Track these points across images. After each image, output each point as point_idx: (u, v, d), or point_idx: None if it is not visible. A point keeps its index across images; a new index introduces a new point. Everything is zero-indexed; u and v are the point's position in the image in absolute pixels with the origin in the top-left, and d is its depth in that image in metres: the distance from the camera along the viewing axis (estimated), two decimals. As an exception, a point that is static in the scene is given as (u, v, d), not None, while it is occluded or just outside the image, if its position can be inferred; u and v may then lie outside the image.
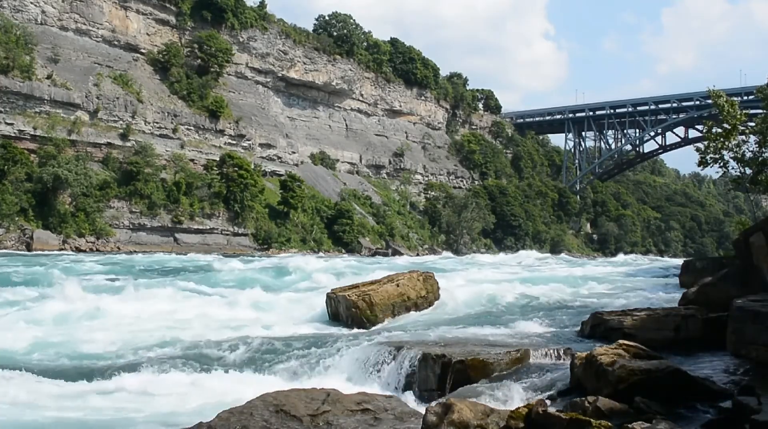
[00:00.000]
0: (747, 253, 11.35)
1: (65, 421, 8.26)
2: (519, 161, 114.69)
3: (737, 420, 6.10)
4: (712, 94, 26.33)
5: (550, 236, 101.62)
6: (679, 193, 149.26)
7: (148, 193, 60.01)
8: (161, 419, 8.29)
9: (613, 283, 26.77)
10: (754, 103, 57.88)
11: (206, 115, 71.75)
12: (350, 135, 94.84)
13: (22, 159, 52.74)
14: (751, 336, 8.12)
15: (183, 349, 12.42)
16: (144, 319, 15.83)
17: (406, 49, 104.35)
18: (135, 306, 17.30)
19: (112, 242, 56.07)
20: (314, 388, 8.04)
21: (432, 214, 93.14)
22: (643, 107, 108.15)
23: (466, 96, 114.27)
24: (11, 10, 60.05)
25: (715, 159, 25.50)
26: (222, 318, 16.33)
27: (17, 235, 50.29)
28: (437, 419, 6.40)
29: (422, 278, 17.84)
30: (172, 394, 9.63)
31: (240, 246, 65.54)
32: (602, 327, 11.46)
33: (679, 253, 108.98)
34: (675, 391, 7.06)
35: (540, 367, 9.45)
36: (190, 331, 14.23)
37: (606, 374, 7.28)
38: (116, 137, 62.35)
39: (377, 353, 10.56)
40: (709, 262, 24.85)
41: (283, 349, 11.92)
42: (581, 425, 5.84)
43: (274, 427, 6.95)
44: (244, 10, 79.98)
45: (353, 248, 73.84)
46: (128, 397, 9.60)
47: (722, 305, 10.36)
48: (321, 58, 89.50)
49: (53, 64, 60.58)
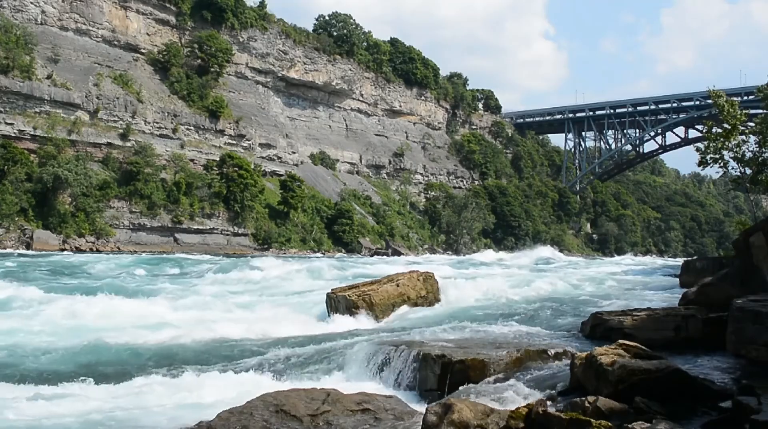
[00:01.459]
0: (747, 253, 11.34)
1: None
2: (519, 161, 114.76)
3: (737, 420, 6.09)
4: (712, 94, 26.34)
5: (550, 236, 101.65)
6: (679, 193, 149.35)
7: (148, 193, 60.04)
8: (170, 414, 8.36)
9: (612, 283, 26.76)
10: (754, 103, 57.92)
11: (206, 115, 71.80)
12: (350, 135, 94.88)
13: (22, 159, 52.80)
14: (751, 336, 8.11)
15: (183, 349, 12.42)
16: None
17: (406, 49, 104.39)
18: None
19: (112, 242, 56.11)
20: (314, 388, 8.04)
21: (432, 214, 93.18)
22: (643, 107, 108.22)
23: (466, 96, 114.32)
24: (11, 10, 60.11)
25: (715, 159, 25.51)
26: (221, 318, 16.31)
27: (17, 235, 50.33)
28: (437, 419, 6.40)
29: (422, 278, 17.84)
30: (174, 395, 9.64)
31: (240, 246, 65.56)
32: (602, 327, 11.45)
33: (679, 253, 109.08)
34: (675, 391, 7.05)
35: (540, 367, 9.44)
36: (190, 332, 14.21)
37: (606, 374, 7.28)
38: (116, 137, 62.39)
39: (377, 353, 10.55)
40: (709, 262, 24.83)
41: (283, 349, 11.91)
42: (581, 425, 5.84)
43: (274, 427, 6.96)
44: (244, 10, 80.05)
45: (353, 248, 73.85)
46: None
47: (722, 305, 10.35)
48: (321, 58, 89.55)
49: (53, 64, 60.62)
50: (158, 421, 8.09)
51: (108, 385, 10.18)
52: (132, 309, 16.88)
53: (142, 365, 11.33)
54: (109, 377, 10.59)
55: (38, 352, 11.90)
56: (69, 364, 11.26)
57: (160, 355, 12.07)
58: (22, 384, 10.05)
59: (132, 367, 11.20)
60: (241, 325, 15.20)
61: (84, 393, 9.68)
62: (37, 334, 13.59)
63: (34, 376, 10.49)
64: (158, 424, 7.97)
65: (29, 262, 34.56)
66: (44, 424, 8.01)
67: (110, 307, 16.89)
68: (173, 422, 7.91)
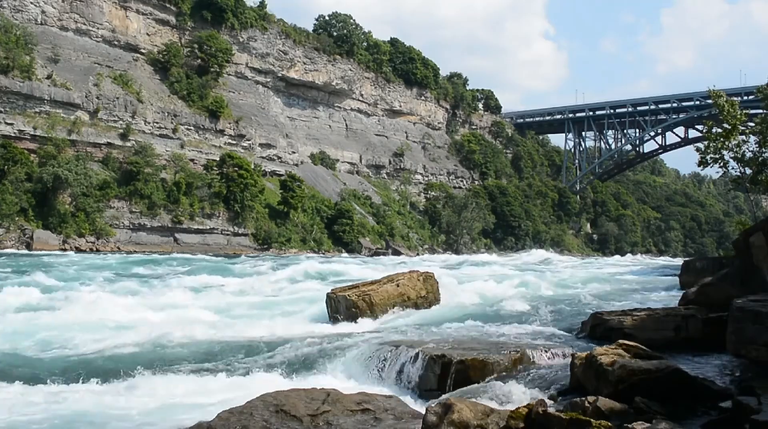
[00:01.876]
0: (747, 253, 11.34)
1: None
2: (519, 161, 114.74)
3: (737, 420, 6.10)
4: (712, 94, 26.34)
5: (550, 236, 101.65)
6: (679, 193, 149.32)
7: (148, 193, 60.02)
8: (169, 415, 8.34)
9: (612, 284, 26.76)
10: (754, 103, 57.96)
11: (206, 115, 71.79)
12: (350, 135, 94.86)
13: (22, 159, 52.78)
14: (751, 336, 8.11)
15: (181, 349, 12.41)
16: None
17: (406, 49, 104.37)
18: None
19: (112, 242, 56.09)
20: (314, 388, 8.04)
21: (432, 214, 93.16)
22: (643, 107, 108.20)
23: (466, 96, 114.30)
24: (11, 10, 60.10)
25: (715, 159, 25.51)
26: (221, 318, 16.31)
27: (17, 235, 50.32)
28: (437, 419, 6.40)
29: (422, 278, 17.83)
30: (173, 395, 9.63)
31: (240, 246, 65.55)
32: (602, 327, 11.46)
33: (679, 253, 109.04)
34: (675, 391, 7.06)
35: (540, 367, 9.46)
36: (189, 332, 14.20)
37: (606, 374, 7.28)
38: (116, 137, 62.37)
39: (377, 353, 10.55)
40: (709, 262, 24.81)
41: (283, 349, 11.91)
42: (581, 425, 5.84)
43: (274, 427, 6.95)
44: (244, 10, 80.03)
45: (353, 248, 73.84)
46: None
47: (722, 305, 10.35)
48: (321, 58, 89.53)
49: (53, 64, 60.60)
50: (158, 421, 8.09)
51: (108, 385, 10.17)
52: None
53: (137, 365, 11.31)
54: (108, 377, 10.58)
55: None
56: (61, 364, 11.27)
57: (155, 355, 12.06)
58: (25, 384, 10.08)
59: (128, 367, 11.19)
60: (241, 326, 15.22)
61: (83, 392, 9.68)
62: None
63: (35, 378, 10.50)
64: (158, 424, 7.97)
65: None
66: (45, 423, 8.02)
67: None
68: (173, 422, 7.91)
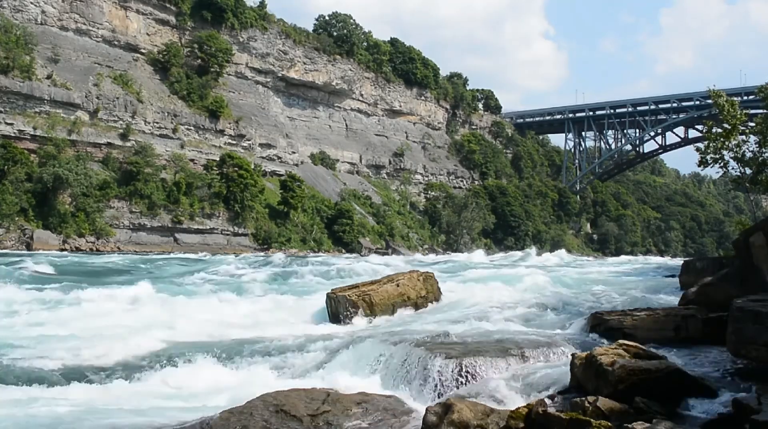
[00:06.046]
0: (747, 253, 11.34)
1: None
2: (519, 161, 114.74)
3: (737, 420, 6.10)
4: (712, 94, 26.34)
5: (550, 236, 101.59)
6: (679, 193, 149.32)
7: (148, 193, 60.01)
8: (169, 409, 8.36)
9: (612, 284, 26.71)
10: (754, 103, 57.95)
11: (206, 115, 71.78)
12: (350, 135, 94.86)
13: (22, 159, 52.76)
14: (751, 336, 8.10)
15: (182, 349, 12.42)
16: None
17: (406, 49, 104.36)
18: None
19: (112, 242, 56.08)
20: (314, 388, 8.05)
21: (432, 214, 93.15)
22: (643, 107, 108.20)
23: (466, 96, 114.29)
24: (11, 10, 60.08)
25: (715, 159, 25.51)
26: (221, 319, 16.31)
27: (17, 235, 50.30)
28: (437, 419, 6.40)
29: (422, 278, 17.83)
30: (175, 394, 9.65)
31: (240, 246, 65.54)
32: (602, 327, 11.46)
33: (679, 253, 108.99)
34: (675, 391, 7.06)
35: (540, 367, 9.45)
36: (189, 332, 14.22)
37: (606, 374, 7.28)
38: (116, 137, 62.36)
39: (377, 353, 10.56)
40: (709, 262, 24.74)
41: (283, 349, 11.92)
42: (581, 425, 5.84)
43: (274, 427, 6.96)
44: (244, 10, 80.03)
45: (353, 248, 73.84)
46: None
47: (722, 305, 10.35)
48: (321, 58, 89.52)
49: (53, 64, 60.59)
50: (159, 419, 8.10)
51: (107, 384, 10.18)
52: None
53: (138, 364, 11.32)
54: (107, 376, 10.59)
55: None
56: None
57: (157, 354, 12.07)
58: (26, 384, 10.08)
59: (128, 366, 11.20)
60: (241, 325, 15.22)
61: (83, 391, 9.69)
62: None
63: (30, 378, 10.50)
64: (160, 422, 7.98)
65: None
66: (44, 421, 8.02)
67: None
68: (174, 421, 7.91)
